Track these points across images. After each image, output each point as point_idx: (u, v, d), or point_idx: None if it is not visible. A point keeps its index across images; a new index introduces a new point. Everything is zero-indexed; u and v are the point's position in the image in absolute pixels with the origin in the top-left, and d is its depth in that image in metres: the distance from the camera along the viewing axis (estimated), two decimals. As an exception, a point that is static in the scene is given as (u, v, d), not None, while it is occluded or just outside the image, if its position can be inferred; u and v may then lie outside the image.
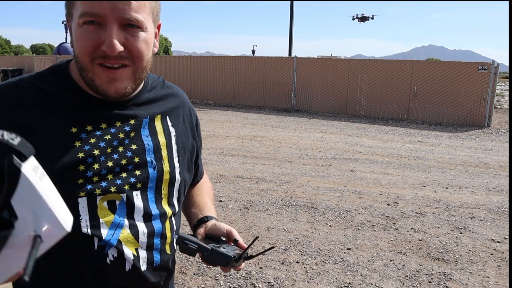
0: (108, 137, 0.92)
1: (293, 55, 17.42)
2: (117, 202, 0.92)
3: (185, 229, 4.48)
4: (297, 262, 3.52)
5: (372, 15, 10.08)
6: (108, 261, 0.92)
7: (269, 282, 3.19)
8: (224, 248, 0.96)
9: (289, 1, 21.51)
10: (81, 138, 0.89)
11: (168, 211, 1.02)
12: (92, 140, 0.90)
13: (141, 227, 0.95)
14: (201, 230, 1.08)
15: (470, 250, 3.85)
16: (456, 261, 3.64)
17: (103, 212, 0.91)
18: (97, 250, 0.91)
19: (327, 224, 4.39)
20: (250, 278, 3.24)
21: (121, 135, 0.94)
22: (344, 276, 3.33)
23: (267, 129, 10.65)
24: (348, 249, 3.80)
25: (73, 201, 0.87)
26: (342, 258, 3.61)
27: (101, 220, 0.90)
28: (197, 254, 0.97)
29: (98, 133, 0.91)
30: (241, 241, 1.05)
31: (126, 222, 0.93)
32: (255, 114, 13.60)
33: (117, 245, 0.92)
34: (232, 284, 3.16)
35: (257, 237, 0.98)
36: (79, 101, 0.91)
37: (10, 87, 0.90)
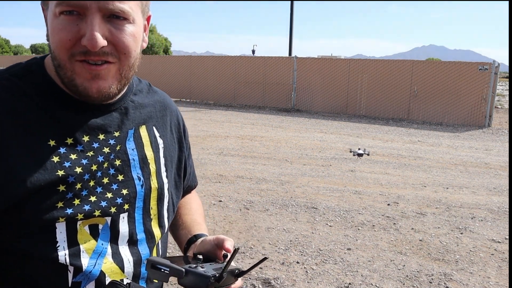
0: (91, 153, 0.80)
1: (293, 55, 17.41)
2: (100, 227, 0.81)
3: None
4: (297, 262, 3.51)
5: (368, 152, 10.76)
6: None
7: (269, 282, 3.18)
8: (202, 267, 0.79)
9: (289, 1, 21.50)
10: (59, 153, 0.77)
11: (157, 233, 0.91)
12: (73, 156, 0.78)
13: (126, 254, 0.84)
14: (190, 252, 0.95)
15: (470, 251, 3.84)
16: (457, 261, 3.63)
17: (84, 238, 0.79)
18: (71, 287, 0.78)
19: (327, 224, 4.38)
20: (250, 278, 3.23)
21: (106, 150, 0.82)
22: (344, 276, 3.32)
23: (267, 129, 10.64)
24: (348, 249, 3.79)
25: (50, 226, 0.75)
26: (342, 258, 3.60)
27: (81, 247, 0.78)
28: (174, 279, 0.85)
29: (79, 147, 0.79)
30: (231, 249, 0.86)
31: (109, 249, 0.82)
32: (255, 114, 13.59)
33: (100, 277, 0.80)
34: (232, 284, 3.14)
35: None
36: (57, 107, 0.79)
37: None
